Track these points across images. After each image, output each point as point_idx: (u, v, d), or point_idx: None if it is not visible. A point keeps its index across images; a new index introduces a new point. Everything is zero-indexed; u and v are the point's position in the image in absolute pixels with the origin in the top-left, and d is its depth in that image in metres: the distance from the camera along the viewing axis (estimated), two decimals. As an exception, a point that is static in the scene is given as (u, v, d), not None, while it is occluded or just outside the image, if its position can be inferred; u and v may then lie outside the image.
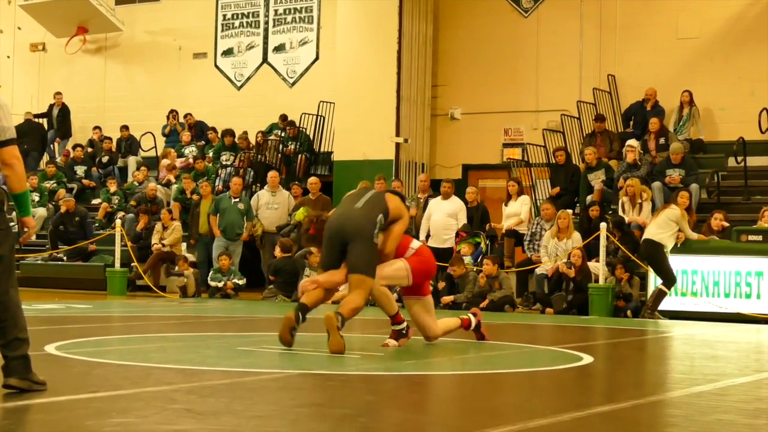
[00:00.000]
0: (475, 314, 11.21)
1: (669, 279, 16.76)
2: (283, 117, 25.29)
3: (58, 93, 28.71)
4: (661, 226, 16.87)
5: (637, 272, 17.76)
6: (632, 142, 20.71)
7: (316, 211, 9.79)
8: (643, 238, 17.13)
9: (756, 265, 16.69)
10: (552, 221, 19.01)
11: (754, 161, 20.77)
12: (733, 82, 22.29)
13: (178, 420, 5.68)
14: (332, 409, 6.45)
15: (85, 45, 29.44)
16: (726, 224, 17.71)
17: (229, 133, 25.51)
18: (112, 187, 25.20)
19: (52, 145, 28.65)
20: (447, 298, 18.24)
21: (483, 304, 17.45)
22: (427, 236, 20.00)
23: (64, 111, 28.67)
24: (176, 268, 21.26)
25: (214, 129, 26.29)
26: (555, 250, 18.54)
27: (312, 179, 22.12)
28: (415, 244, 10.47)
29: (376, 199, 10.18)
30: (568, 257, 17.94)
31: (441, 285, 18.34)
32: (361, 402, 6.80)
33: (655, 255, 16.84)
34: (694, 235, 17.13)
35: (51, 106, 28.80)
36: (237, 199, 21.63)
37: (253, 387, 7.38)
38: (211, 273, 20.78)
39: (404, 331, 10.51)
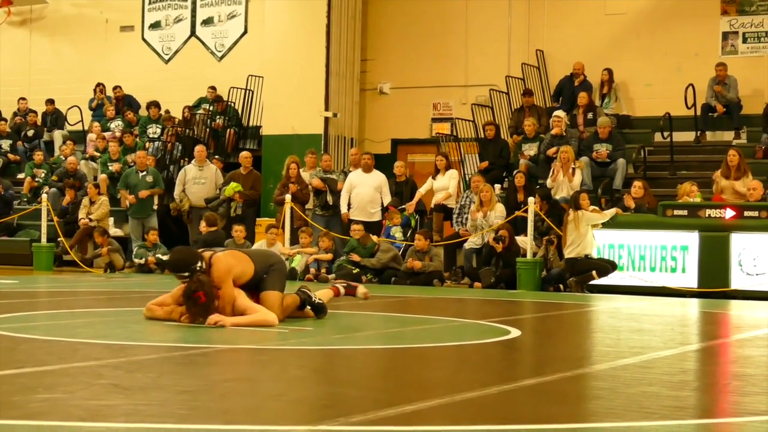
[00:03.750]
0: (341, 283, 11.30)
1: (604, 271, 16.92)
2: (212, 88, 25.14)
3: None
4: (580, 237, 16.96)
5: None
6: (559, 113, 20.82)
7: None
8: (565, 258, 17.19)
9: (681, 240, 16.87)
10: (481, 194, 19.08)
11: (680, 136, 20.98)
12: (659, 58, 22.49)
13: (106, 395, 5.64)
14: (261, 384, 6.45)
15: (10, 17, 29.02)
16: (641, 192, 17.93)
17: (154, 105, 25.32)
18: (38, 159, 24.92)
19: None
20: (355, 256, 18.35)
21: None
22: (348, 207, 20.04)
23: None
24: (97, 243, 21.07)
25: (136, 106, 26.08)
26: (481, 224, 18.62)
27: (244, 153, 22.01)
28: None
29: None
30: (496, 231, 18.01)
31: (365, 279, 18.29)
32: (289, 377, 6.79)
33: (583, 270, 16.94)
34: (607, 214, 17.23)
35: None
36: (144, 173, 21.56)
37: (181, 362, 7.35)
38: (135, 249, 20.65)
39: (348, 286, 11.09)
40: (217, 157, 23.09)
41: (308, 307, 10.39)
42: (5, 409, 5.20)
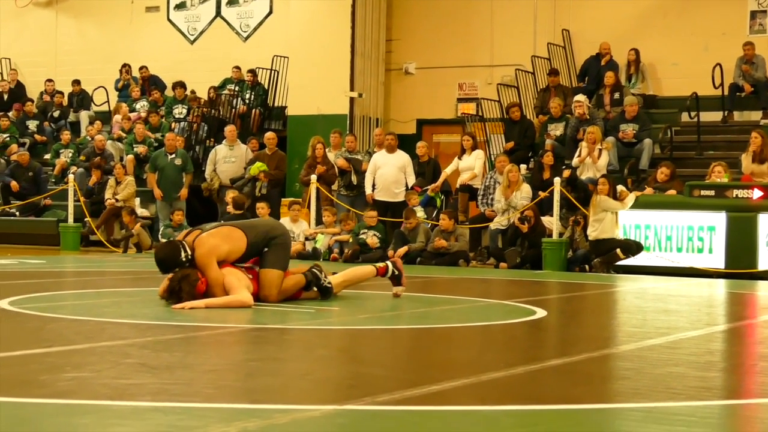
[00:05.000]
0: (394, 262, 10.81)
1: (628, 249, 16.88)
2: (237, 68, 25.10)
3: (13, 70, 28.59)
4: (598, 221, 16.94)
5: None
6: (580, 97, 20.72)
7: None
8: (589, 240, 17.18)
9: (708, 220, 16.81)
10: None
11: (707, 116, 20.87)
12: (686, 38, 22.36)
13: (132, 374, 5.67)
14: (287, 363, 6.46)
15: (36, -1, 29.11)
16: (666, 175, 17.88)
17: (180, 85, 25.35)
18: (65, 139, 24.99)
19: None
20: (401, 250, 18.25)
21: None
22: (373, 188, 20.03)
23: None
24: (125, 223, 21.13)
25: (162, 86, 26.10)
26: (507, 205, 18.59)
27: (269, 134, 22.04)
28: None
29: None
30: (522, 212, 17.99)
31: (390, 253, 18.23)
32: (315, 356, 6.80)
33: (607, 250, 16.91)
34: (627, 203, 17.15)
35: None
36: (173, 155, 21.59)
37: (207, 341, 7.38)
38: (162, 229, 20.71)
39: (395, 273, 10.62)
40: (254, 136, 23.08)
41: (314, 288, 10.12)
42: (34, 388, 5.23)
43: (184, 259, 9.27)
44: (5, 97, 28.05)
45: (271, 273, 9.72)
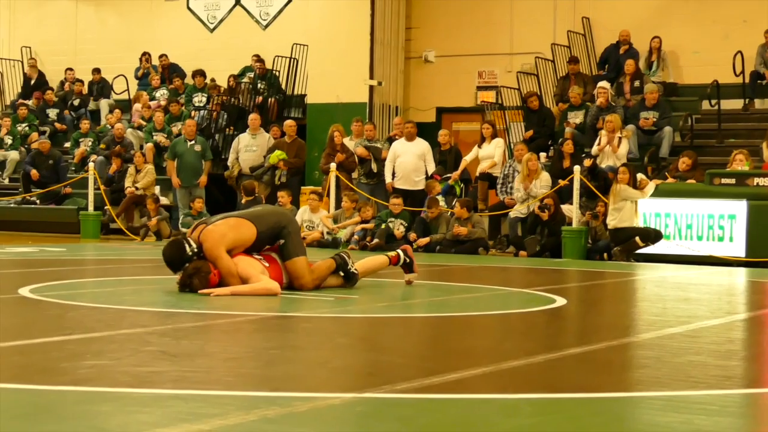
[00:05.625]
0: (405, 250, 10.77)
1: (647, 237, 16.84)
2: (257, 56, 25.09)
3: (32, 59, 28.65)
4: (618, 210, 16.90)
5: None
6: (604, 84, 20.69)
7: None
8: (608, 227, 17.15)
9: (729, 208, 16.76)
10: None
11: (727, 104, 20.80)
12: (707, 26, 22.28)
13: (153, 362, 5.68)
14: (306, 351, 6.47)
15: (57, -13, 29.16)
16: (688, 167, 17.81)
17: (199, 73, 25.37)
18: (84, 128, 25.05)
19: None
20: (422, 240, 18.25)
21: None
22: (393, 176, 20.03)
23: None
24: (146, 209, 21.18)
25: (182, 75, 26.11)
26: (527, 193, 18.57)
27: (288, 122, 22.06)
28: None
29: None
30: (541, 200, 17.97)
31: (413, 236, 18.27)
32: (334, 344, 6.81)
33: (626, 238, 16.87)
34: (647, 192, 17.09)
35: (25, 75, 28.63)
36: (193, 142, 21.60)
37: (227, 329, 7.39)
38: (181, 218, 20.75)
39: (407, 261, 10.62)
40: (276, 124, 23.08)
41: (341, 273, 10.16)
42: (54, 375, 5.25)
43: (190, 254, 9.26)
44: (31, 81, 28.15)
45: (299, 261, 9.78)
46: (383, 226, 18.54)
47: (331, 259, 10.16)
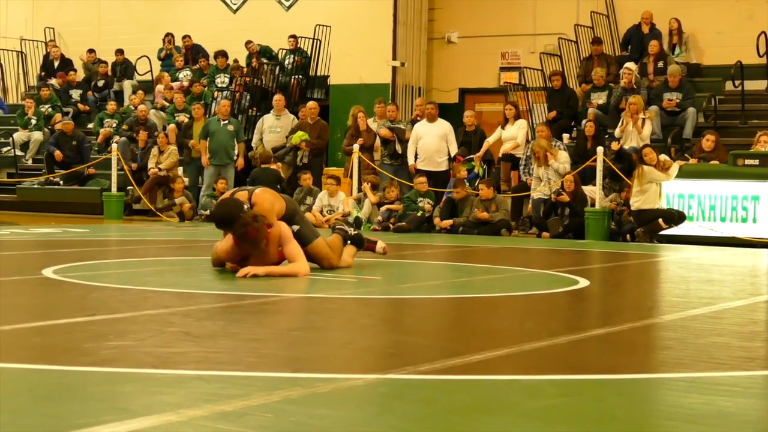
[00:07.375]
0: (376, 242, 10.87)
1: (670, 218, 16.79)
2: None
3: (52, 40, 28.69)
4: (642, 192, 16.84)
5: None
6: (630, 65, 20.62)
7: (251, 214, 9.07)
8: (632, 209, 17.10)
9: (752, 190, 16.69)
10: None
11: (751, 85, 20.72)
12: (730, 6, 22.18)
13: (175, 343, 5.69)
14: (329, 332, 6.47)
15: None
16: (712, 146, 17.71)
17: (222, 54, 25.34)
18: (110, 109, 25.09)
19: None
20: (446, 222, 18.25)
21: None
22: (415, 158, 20.00)
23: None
24: (173, 192, 21.22)
25: (205, 56, 26.09)
26: (546, 176, 18.54)
27: (311, 104, 22.03)
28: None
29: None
30: (561, 185, 17.92)
31: (437, 221, 18.29)
32: (357, 325, 6.82)
33: (649, 219, 16.81)
34: (671, 174, 17.03)
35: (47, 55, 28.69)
36: (226, 122, 21.56)
37: (249, 310, 7.40)
38: (203, 199, 20.76)
39: (370, 241, 10.75)
40: (303, 105, 23.06)
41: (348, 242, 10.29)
42: (77, 356, 5.27)
43: (244, 211, 9.11)
44: (55, 64, 28.21)
45: (318, 244, 9.85)
46: (417, 212, 18.48)
47: (334, 234, 10.26)
